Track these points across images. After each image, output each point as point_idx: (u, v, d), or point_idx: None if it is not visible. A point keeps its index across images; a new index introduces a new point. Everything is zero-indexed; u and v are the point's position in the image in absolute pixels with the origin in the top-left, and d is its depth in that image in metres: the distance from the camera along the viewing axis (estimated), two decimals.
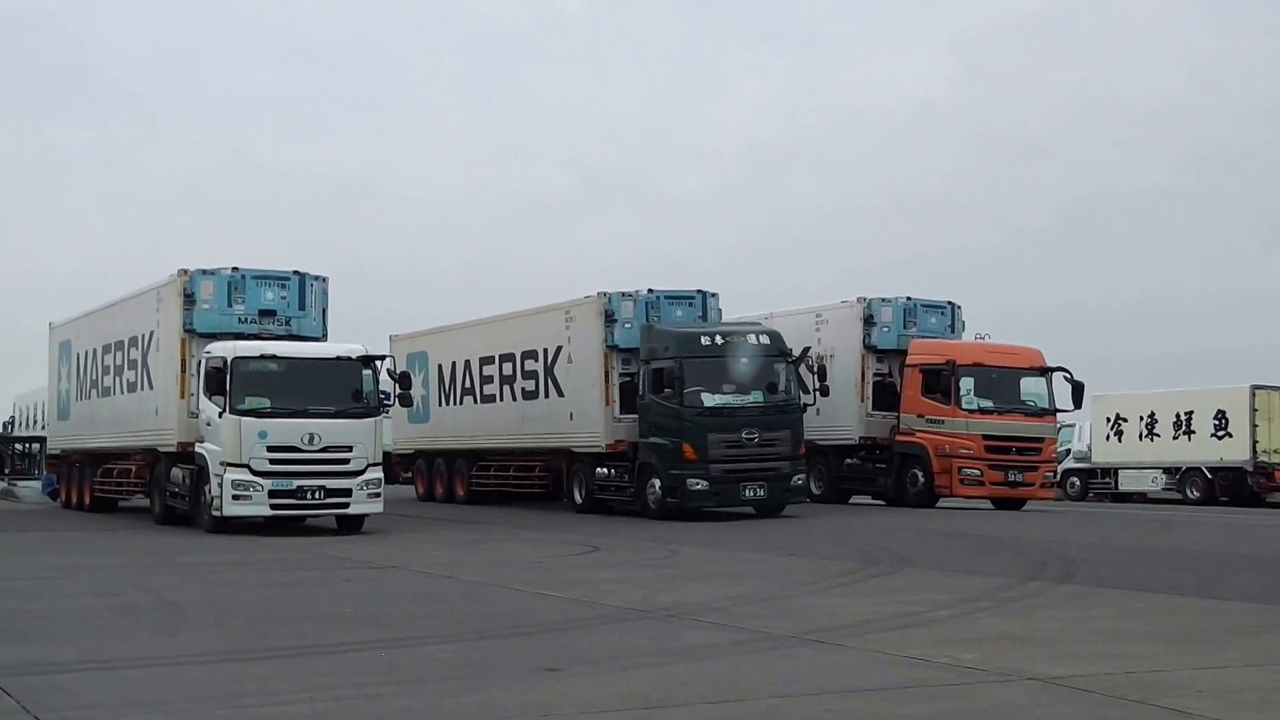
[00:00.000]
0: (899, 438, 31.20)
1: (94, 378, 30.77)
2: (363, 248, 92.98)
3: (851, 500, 32.97)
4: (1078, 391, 30.98)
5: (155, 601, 14.55)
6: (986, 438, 30.26)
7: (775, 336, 28.03)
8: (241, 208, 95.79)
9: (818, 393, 28.69)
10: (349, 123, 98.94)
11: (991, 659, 10.48)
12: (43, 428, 42.65)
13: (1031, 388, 31.36)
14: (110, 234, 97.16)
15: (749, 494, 27.14)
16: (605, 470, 29.39)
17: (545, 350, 31.17)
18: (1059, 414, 32.17)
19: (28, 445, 52.42)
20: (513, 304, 34.80)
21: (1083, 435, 45.23)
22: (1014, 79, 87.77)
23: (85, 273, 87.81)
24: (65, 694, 9.47)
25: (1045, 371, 31.25)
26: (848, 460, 32.56)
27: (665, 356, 27.36)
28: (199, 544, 22.12)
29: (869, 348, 31.56)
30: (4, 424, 60.84)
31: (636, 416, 28.18)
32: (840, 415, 31.47)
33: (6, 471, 51.51)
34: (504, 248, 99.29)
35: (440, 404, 35.97)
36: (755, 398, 27.37)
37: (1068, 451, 44.23)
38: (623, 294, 28.88)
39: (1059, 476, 39.59)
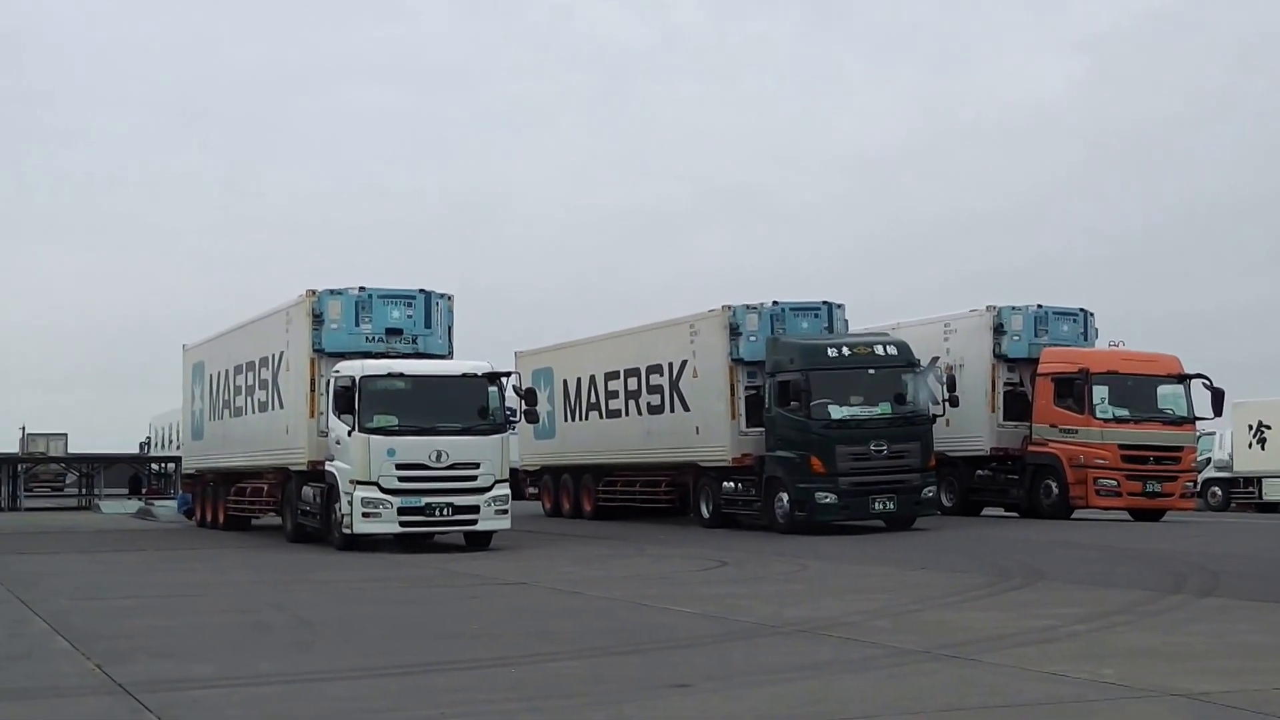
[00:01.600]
0: (1031, 448, 30.62)
1: (226, 398, 31.34)
2: (486, 266, 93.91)
3: (983, 512, 32.42)
4: (1218, 399, 30.15)
5: (288, 619, 14.73)
6: (1123, 447, 29.58)
7: (903, 347, 27.68)
8: (366, 230, 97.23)
9: (947, 403, 28.27)
10: (470, 143, 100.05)
11: (1133, 675, 10.18)
12: (177, 448, 43.69)
13: (1169, 395, 30.56)
14: (238, 257, 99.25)
15: (878, 507, 26.82)
16: (732, 484, 29.25)
17: (670, 364, 31.11)
18: (1198, 422, 31.35)
19: (163, 465, 53.79)
20: (634, 319, 34.85)
21: (1223, 443, 44.08)
22: (1134, 79, 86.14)
23: (215, 295, 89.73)
24: (203, 709, 9.60)
25: (1183, 379, 30.44)
26: (979, 472, 32.03)
27: (791, 369, 27.15)
28: (330, 561, 22.39)
29: (999, 357, 31.04)
30: (141, 445, 62.40)
31: (763, 430, 28.01)
32: (971, 426, 30.99)
33: (144, 491, 52.90)
34: (624, 263, 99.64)
35: (566, 419, 36.06)
36: (883, 409, 27.03)
37: (1208, 460, 43.15)
38: (747, 307, 28.74)
39: (1199, 486, 38.52)
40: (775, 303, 28.87)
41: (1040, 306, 31.31)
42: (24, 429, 69.64)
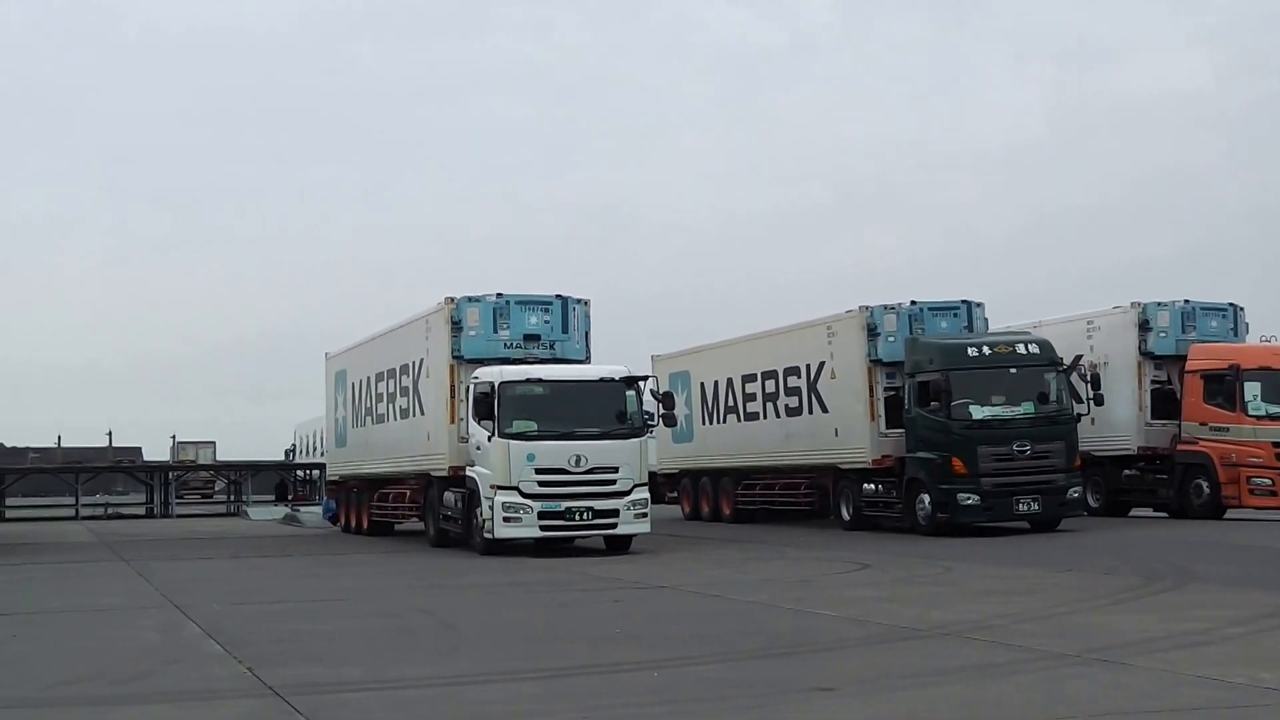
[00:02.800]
0: (1181, 447, 29.87)
1: (368, 405, 31.83)
2: (621, 271, 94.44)
3: (1131, 513, 31.71)
4: None
5: (433, 623, 14.90)
6: (1277, 445, 28.73)
7: (1045, 345, 27.22)
8: (502, 238, 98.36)
9: (1091, 402, 27.74)
10: (602, 150, 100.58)
11: None
12: (322, 455, 44.51)
13: None
14: (377, 266, 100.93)
15: (1022, 508, 26.38)
16: (872, 486, 29.03)
17: (808, 366, 30.97)
18: None
19: (308, 472, 54.85)
20: (770, 322, 34.72)
21: None
22: (1274, 66, 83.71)
23: (356, 304, 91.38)
24: (352, 712, 9.75)
25: None
26: (1126, 471, 31.35)
27: (931, 369, 26.86)
28: (472, 566, 22.62)
29: (1145, 354, 30.35)
30: (286, 452, 63.75)
31: (903, 431, 27.76)
32: (1117, 425, 30.35)
33: (290, 497, 53.98)
34: (759, 266, 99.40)
35: (704, 423, 36.07)
36: (1026, 409, 26.61)
37: None
38: (885, 307, 28.52)
39: None
40: (913, 302, 28.61)
41: (1187, 302, 30.55)
42: (174, 438, 71.70)
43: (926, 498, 26.86)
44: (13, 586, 21.04)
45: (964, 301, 28.88)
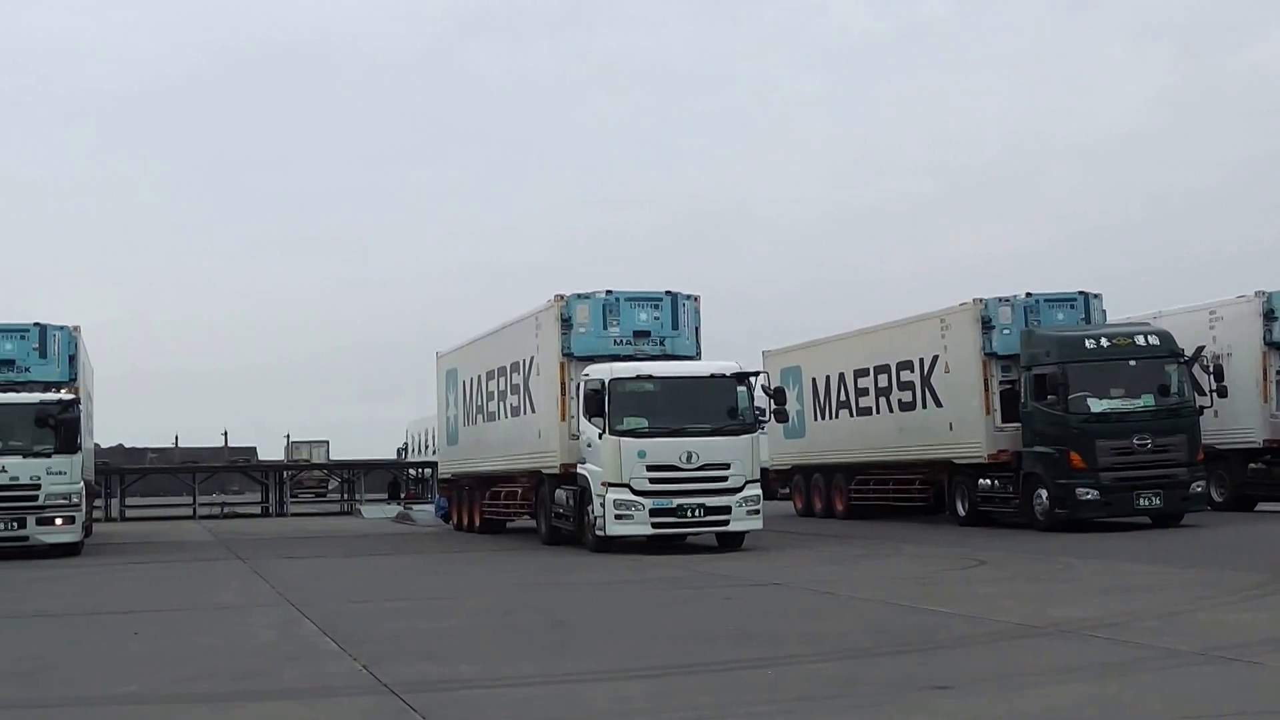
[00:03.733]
0: None
1: (479, 403, 32.00)
2: (731, 267, 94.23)
3: (1257, 508, 30.95)
4: None
5: (546, 620, 14.91)
6: None
7: (1165, 336, 26.65)
8: (610, 236, 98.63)
9: (1214, 394, 27.13)
10: (711, 146, 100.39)
11: None
12: (433, 453, 44.85)
13: None
14: (486, 266, 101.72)
15: (1143, 503, 25.86)
16: (988, 481, 28.65)
17: (921, 360, 30.67)
18: None
19: (420, 470, 55.33)
20: (881, 316, 34.44)
21: None
22: None
23: (465, 303, 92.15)
24: (466, 709, 9.76)
25: None
26: (1251, 465, 30.58)
27: (1047, 362, 26.46)
28: (584, 563, 22.63)
29: (1271, 344, 29.58)
30: (398, 450, 64.34)
31: (1019, 425, 27.36)
32: (1241, 417, 29.64)
33: (402, 496, 54.49)
34: (870, 260, 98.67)
35: (815, 418, 35.86)
36: (1146, 402, 26.07)
37: None
38: (999, 299, 28.17)
39: None
40: (1028, 294, 28.22)
41: None
42: (288, 437, 72.79)
43: (1044, 493, 26.44)
44: (135, 585, 21.45)
45: (1081, 292, 28.41)
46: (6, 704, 10.47)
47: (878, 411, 32.71)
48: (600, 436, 23.96)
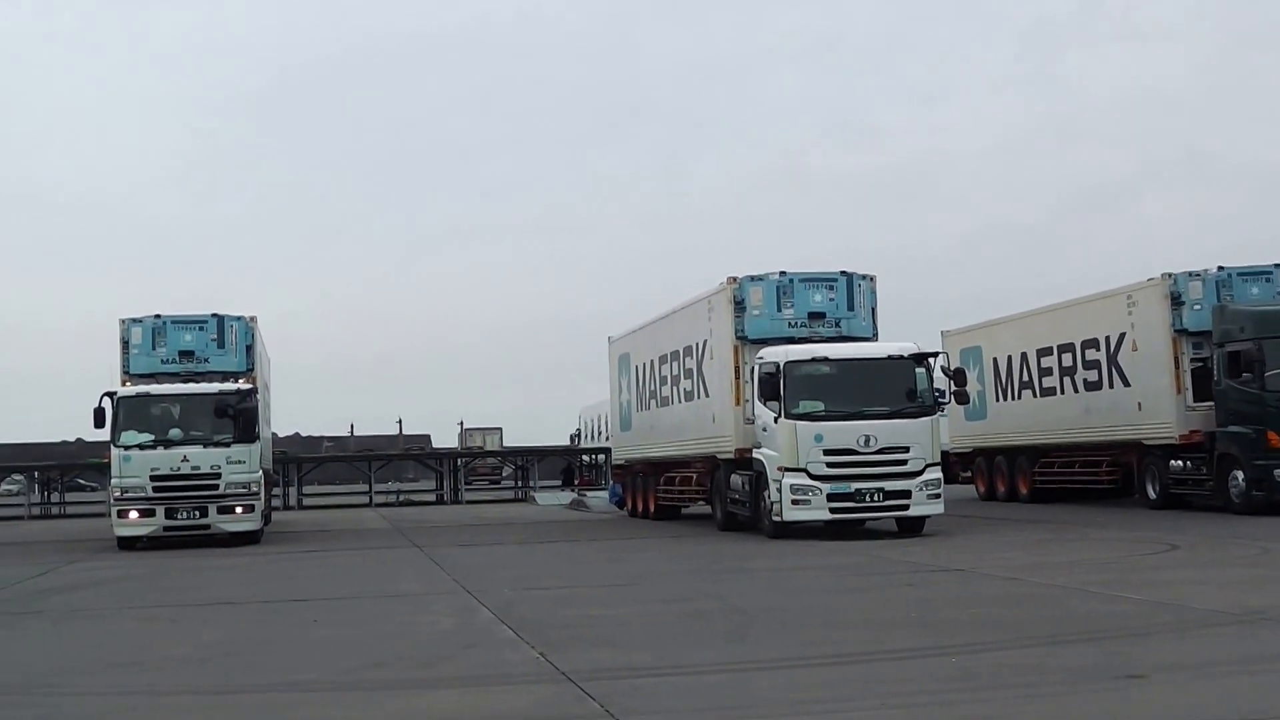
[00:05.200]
0: None
1: (652, 388, 31.93)
2: (909, 245, 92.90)
3: None
4: None
5: (723, 607, 14.73)
6: None
7: None
8: (786, 215, 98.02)
9: None
10: (900, 121, 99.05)
11: None
12: (606, 439, 44.97)
13: None
14: (661, 248, 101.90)
15: None
16: (1180, 463, 27.77)
17: (1107, 338, 29.91)
18: None
19: (594, 456, 55.58)
20: (1068, 293, 33.59)
21: None
22: None
23: (637, 287, 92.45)
24: (644, 697, 9.64)
25: None
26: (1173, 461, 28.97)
27: (1242, 338, 25.59)
28: (761, 549, 22.40)
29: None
30: (571, 436, 64.77)
31: (1212, 404, 26.46)
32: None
33: (576, 482, 54.78)
34: (1057, 237, 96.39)
35: (997, 399, 35.17)
36: None
37: None
38: (1190, 274, 27.32)
39: None
40: (1220, 268, 27.30)
41: None
42: (462, 424, 73.81)
43: (1240, 474, 25.55)
44: (314, 573, 21.83)
45: (1277, 265, 27.38)
46: (196, 690, 10.67)
47: (1062, 392, 31.98)
48: (776, 420, 23.69)
